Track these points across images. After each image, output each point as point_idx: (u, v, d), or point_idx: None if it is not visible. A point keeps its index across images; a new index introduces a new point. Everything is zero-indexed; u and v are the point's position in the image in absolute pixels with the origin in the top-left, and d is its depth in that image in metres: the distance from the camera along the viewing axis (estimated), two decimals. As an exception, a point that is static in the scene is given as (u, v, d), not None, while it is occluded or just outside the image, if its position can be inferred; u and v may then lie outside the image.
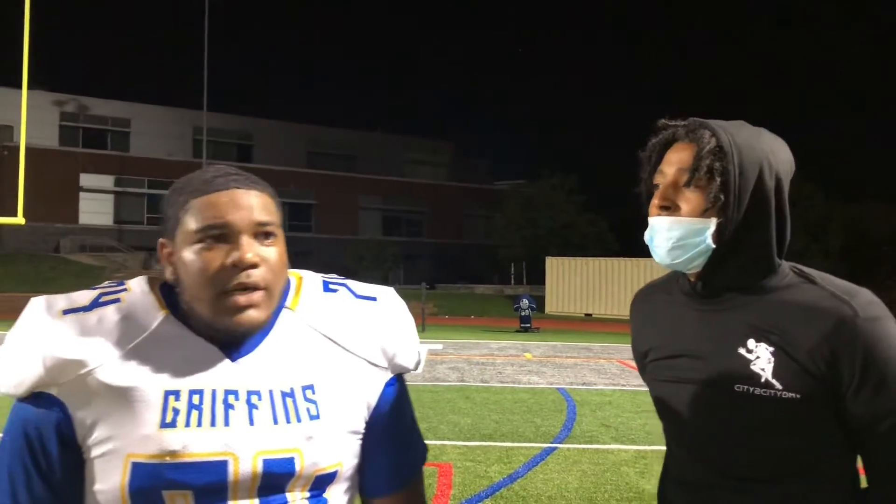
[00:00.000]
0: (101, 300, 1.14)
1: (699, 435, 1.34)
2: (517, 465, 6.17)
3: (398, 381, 1.26)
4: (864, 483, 1.33)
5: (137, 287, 1.17)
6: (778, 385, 1.25)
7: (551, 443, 7.05)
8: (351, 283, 1.28)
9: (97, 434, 1.07)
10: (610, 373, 12.62)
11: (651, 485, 5.59)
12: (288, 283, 1.23)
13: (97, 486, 1.07)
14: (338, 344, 1.19)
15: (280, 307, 1.18)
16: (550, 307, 31.19)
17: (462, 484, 5.52)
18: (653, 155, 1.38)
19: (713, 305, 1.35)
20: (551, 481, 5.67)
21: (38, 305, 1.12)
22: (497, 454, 6.53)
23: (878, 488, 1.27)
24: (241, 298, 1.09)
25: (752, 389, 1.27)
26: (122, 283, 1.19)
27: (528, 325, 21.66)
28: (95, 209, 39.21)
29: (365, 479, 1.23)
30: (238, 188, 1.14)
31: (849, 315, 1.22)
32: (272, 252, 1.13)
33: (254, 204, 1.14)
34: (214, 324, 1.10)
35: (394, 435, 1.24)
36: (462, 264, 42.89)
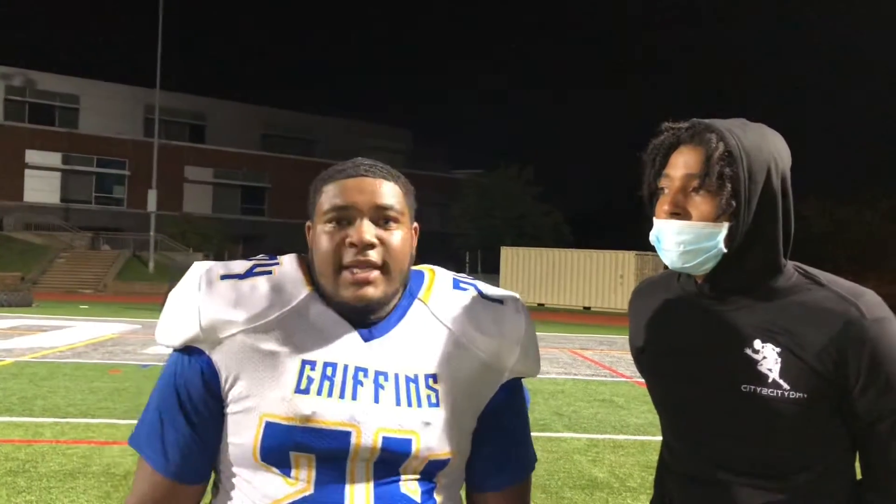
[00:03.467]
0: (255, 270, 1.23)
1: (704, 432, 1.36)
2: (471, 452, 6.20)
3: (515, 384, 1.31)
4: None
5: (288, 263, 1.26)
6: (785, 385, 1.26)
7: (505, 430, 7.09)
8: (480, 284, 1.34)
9: (238, 390, 1.17)
10: (562, 362, 12.76)
11: (603, 473, 5.69)
12: (422, 276, 1.32)
13: (232, 439, 1.18)
14: (463, 339, 1.25)
15: (413, 297, 1.27)
16: (504, 296, 31.36)
17: (417, 470, 5.51)
18: (657, 157, 1.36)
19: (718, 306, 1.35)
20: (505, 468, 5.70)
21: (199, 269, 1.23)
22: (451, 441, 6.54)
23: (873, 481, 1.31)
24: (359, 275, 1.17)
25: (759, 389, 1.28)
26: (275, 258, 1.28)
27: (482, 313, 21.74)
28: (41, 187, 38.17)
29: (472, 473, 1.29)
30: (366, 176, 1.22)
31: (856, 316, 1.24)
32: (393, 235, 1.21)
33: (378, 190, 1.21)
34: (335, 297, 1.19)
35: (501, 436, 1.29)
36: (418, 252, 42.87)
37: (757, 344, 1.29)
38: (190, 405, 1.18)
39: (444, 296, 1.28)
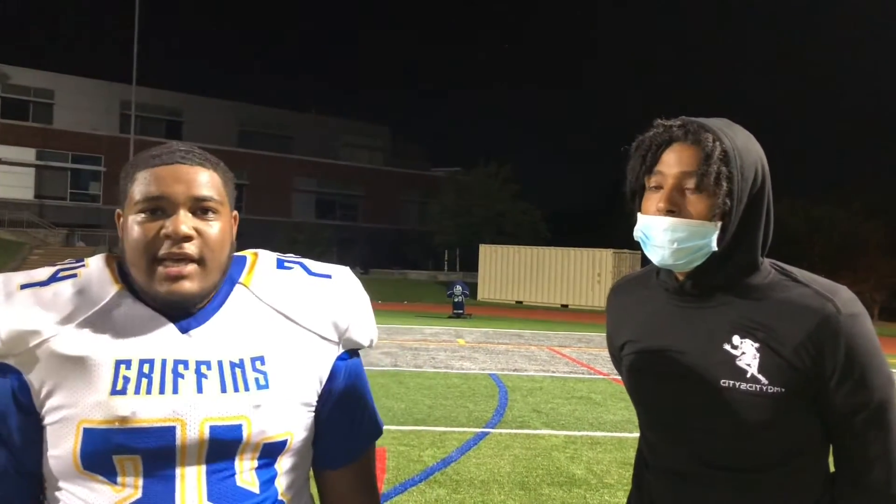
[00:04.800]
0: (58, 275, 1.18)
1: (683, 427, 1.38)
2: (450, 449, 6.23)
3: (351, 356, 1.29)
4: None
5: (95, 263, 1.21)
6: (763, 380, 1.28)
7: (484, 427, 7.12)
8: (307, 261, 1.31)
9: (52, 402, 1.11)
10: (540, 359, 12.83)
11: (580, 469, 5.74)
12: (243, 260, 1.28)
13: (52, 452, 1.12)
14: (289, 318, 1.22)
15: (233, 283, 1.23)
16: (483, 294, 31.45)
17: (396, 468, 5.54)
18: (647, 153, 1.34)
19: (697, 302, 1.37)
20: (484, 465, 5.74)
21: None
22: (430, 439, 6.57)
23: (848, 474, 1.34)
24: (172, 269, 1.12)
25: (738, 384, 1.30)
26: (82, 260, 1.22)
27: (462, 311, 21.83)
28: (15, 182, 37.61)
29: (317, 451, 1.27)
30: (182, 163, 1.17)
31: (832, 312, 1.26)
32: (211, 227, 1.16)
33: (196, 179, 1.16)
34: (149, 291, 1.14)
35: (345, 409, 1.27)
36: (397, 250, 42.82)
37: (736, 340, 1.32)
38: (2, 426, 1.13)
39: (266, 277, 1.25)
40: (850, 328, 1.27)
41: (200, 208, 1.16)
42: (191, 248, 1.13)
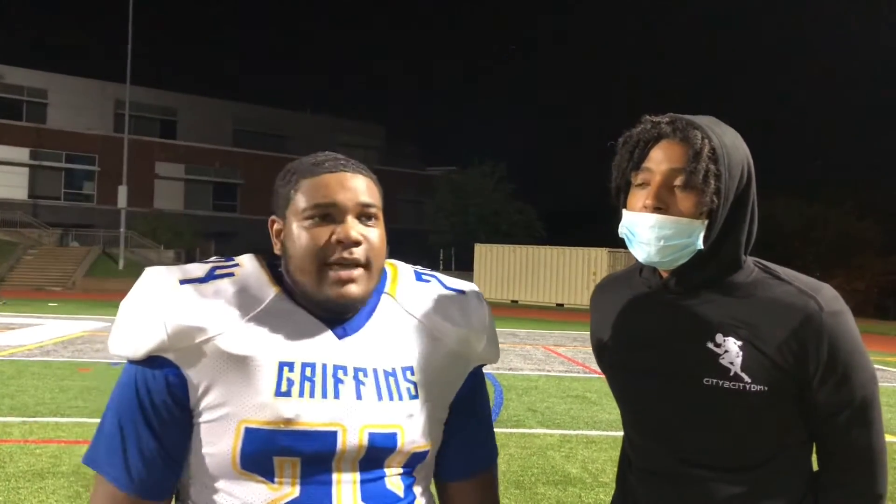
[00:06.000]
0: (215, 273, 1.19)
1: (666, 426, 1.37)
2: (445, 448, 6.22)
3: (479, 372, 1.34)
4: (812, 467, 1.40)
5: (249, 263, 1.23)
6: (746, 378, 1.28)
7: (479, 427, 7.11)
8: (439, 275, 1.36)
9: (210, 399, 1.12)
10: (536, 358, 12.83)
11: (576, 468, 5.74)
12: (384, 270, 1.30)
13: (206, 450, 1.13)
14: (432, 330, 1.26)
15: (380, 292, 1.27)
16: (478, 293, 31.45)
17: (391, 467, 5.51)
18: (635, 150, 1.33)
19: (681, 300, 1.36)
20: (479, 465, 5.73)
21: (155, 274, 1.17)
22: (425, 438, 6.54)
23: (831, 473, 1.34)
24: (343, 273, 1.15)
25: (721, 383, 1.29)
26: (233, 259, 1.24)
27: (456, 310, 21.80)
28: (8, 182, 37.52)
29: (443, 462, 1.30)
30: (346, 171, 1.20)
31: (815, 310, 1.26)
32: (374, 233, 1.20)
33: (359, 187, 1.20)
34: (316, 295, 1.16)
35: (472, 422, 1.31)
36: (392, 249, 42.74)
37: (719, 338, 1.31)
38: (155, 417, 1.13)
39: (409, 288, 1.29)
40: (832, 326, 1.27)
41: (364, 214, 1.19)
42: (359, 252, 1.16)
